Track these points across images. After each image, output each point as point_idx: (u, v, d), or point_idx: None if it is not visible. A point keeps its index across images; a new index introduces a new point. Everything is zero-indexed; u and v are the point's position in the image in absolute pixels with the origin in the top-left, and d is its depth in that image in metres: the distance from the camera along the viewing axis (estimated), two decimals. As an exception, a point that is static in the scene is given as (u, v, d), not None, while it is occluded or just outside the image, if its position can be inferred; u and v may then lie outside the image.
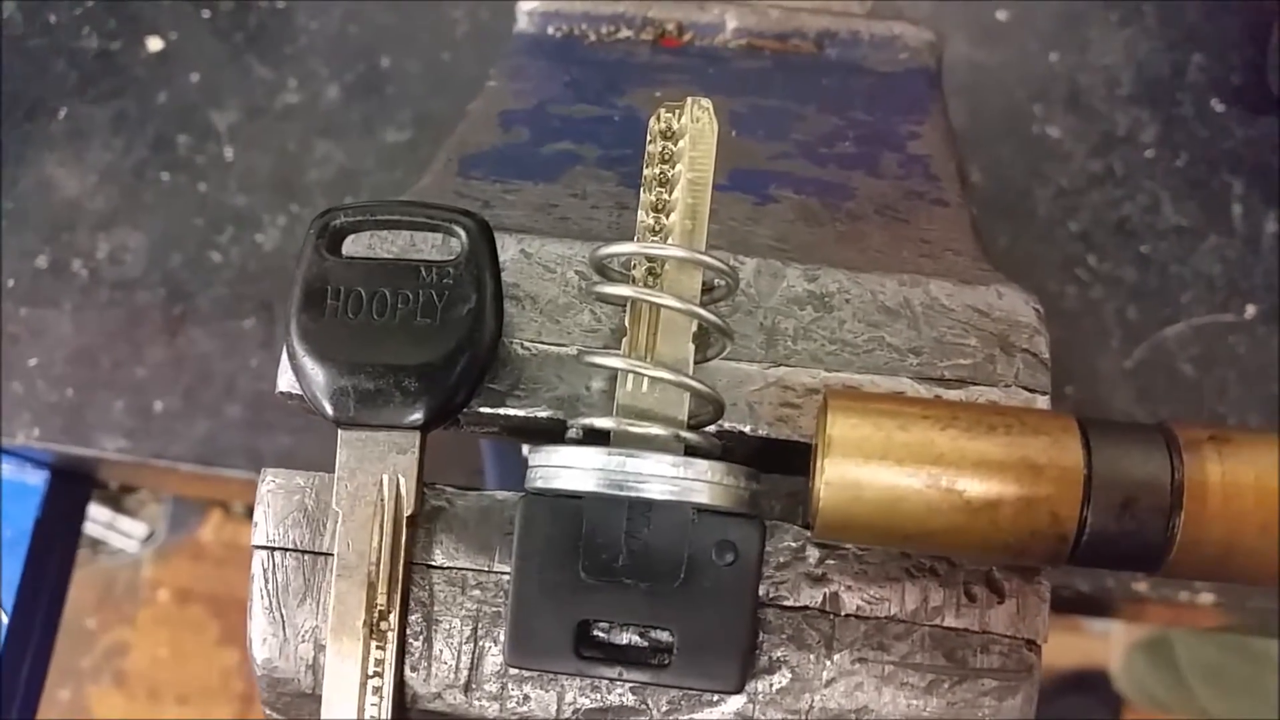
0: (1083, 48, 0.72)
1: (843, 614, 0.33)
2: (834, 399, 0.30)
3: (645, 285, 0.33)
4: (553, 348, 0.35)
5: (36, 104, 0.75)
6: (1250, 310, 0.68)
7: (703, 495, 0.32)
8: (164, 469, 0.70)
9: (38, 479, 0.79)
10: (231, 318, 0.70)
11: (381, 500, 0.33)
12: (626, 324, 0.33)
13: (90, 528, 1.69)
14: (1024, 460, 0.29)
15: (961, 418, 0.30)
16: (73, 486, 0.81)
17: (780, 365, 0.34)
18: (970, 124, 0.71)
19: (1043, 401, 0.34)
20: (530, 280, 0.35)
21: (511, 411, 0.34)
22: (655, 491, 0.32)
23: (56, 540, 0.80)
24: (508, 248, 0.35)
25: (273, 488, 0.35)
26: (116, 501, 1.70)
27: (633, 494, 0.32)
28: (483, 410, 0.34)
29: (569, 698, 0.34)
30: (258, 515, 0.35)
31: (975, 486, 0.29)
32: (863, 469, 0.29)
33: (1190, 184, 0.70)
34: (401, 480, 0.33)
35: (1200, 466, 0.29)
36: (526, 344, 0.35)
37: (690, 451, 0.33)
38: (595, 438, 0.33)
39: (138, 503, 1.71)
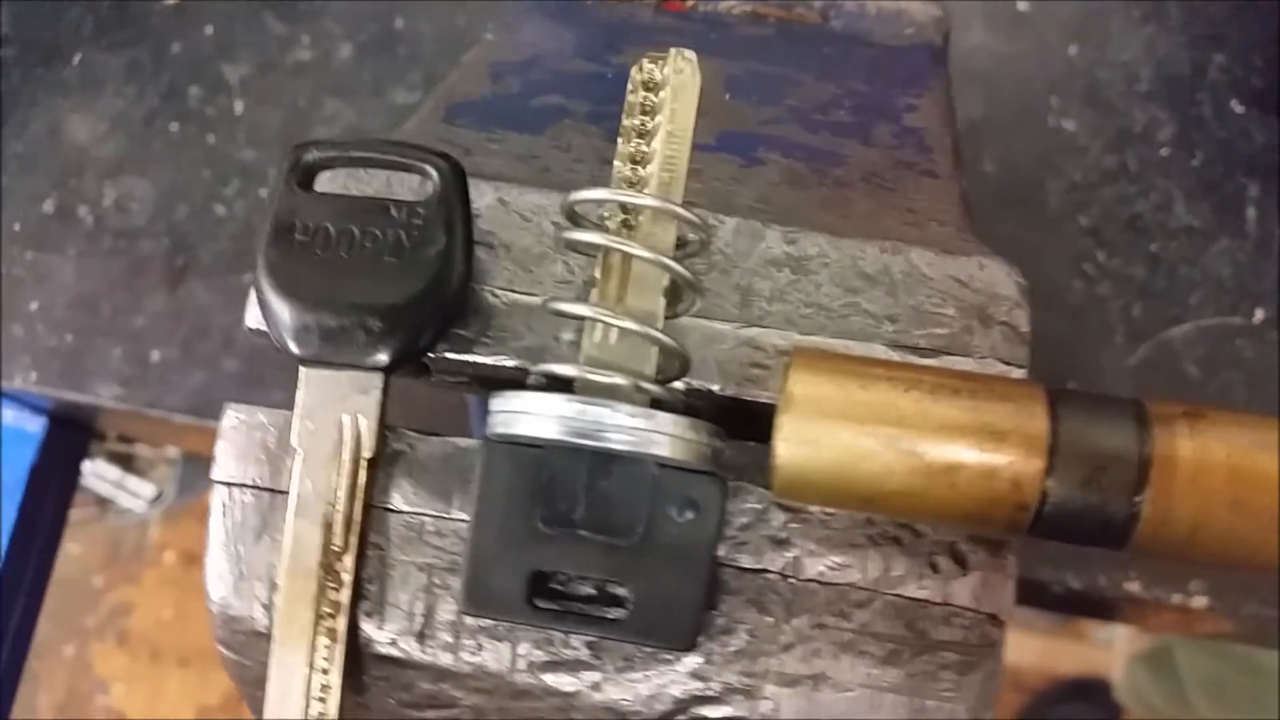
0: (1103, 42, 0.72)
1: (803, 579, 0.33)
2: (798, 357, 0.30)
3: (619, 236, 0.32)
4: (523, 297, 0.34)
5: (51, 49, 0.75)
6: (1259, 314, 0.68)
7: (664, 449, 0.31)
8: (158, 419, 0.70)
9: (36, 426, 0.79)
10: (233, 272, 0.69)
11: (341, 441, 0.33)
12: (597, 274, 0.33)
13: (99, 486, 1.70)
14: (986, 426, 0.29)
15: (926, 380, 0.29)
16: (70, 434, 0.81)
17: (753, 326, 0.34)
18: (986, 113, 0.71)
19: (1019, 375, 0.34)
20: (506, 228, 0.35)
21: (478, 359, 0.34)
22: (616, 442, 0.31)
23: (52, 487, 0.80)
24: (485, 195, 0.35)
25: (235, 423, 0.35)
26: (126, 461, 1.71)
27: (593, 443, 0.31)
28: (449, 356, 0.34)
29: (522, 649, 0.33)
30: (219, 450, 0.35)
31: (935, 450, 0.28)
32: (822, 427, 0.29)
33: (1205, 184, 0.69)
34: (363, 421, 0.33)
35: (1170, 441, 0.29)
36: (497, 292, 0.34)
37: (655, 405, 0.32)
38: (559, 387, 0.32)
39: (147, 463, 1.72)
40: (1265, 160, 0.70)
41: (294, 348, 0.33)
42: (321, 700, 0.33)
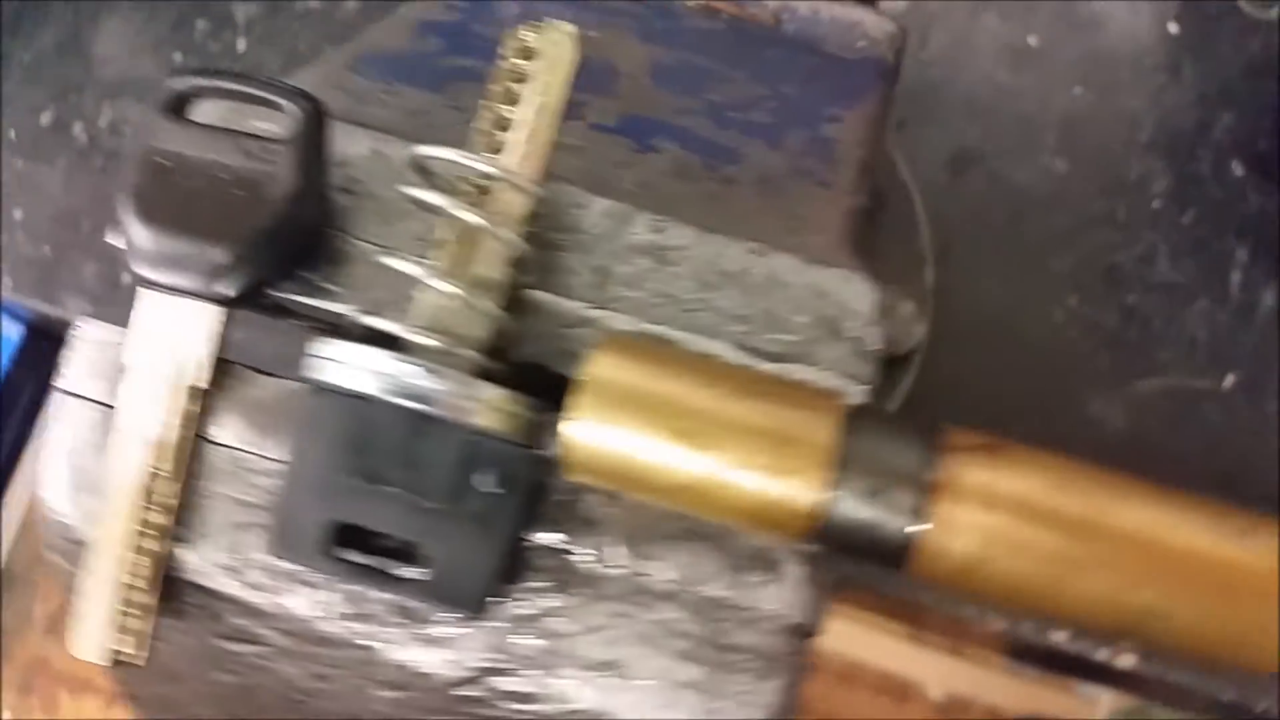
0: (1109, 87, 0.71)
1: (612, 564, 0.33)
2: (606, 341, 0.30)
3: (469, 199, 0.32)
4: (379, 250, 0.34)
5: (73, -34, 0.76)
6: (1229, 380, 0.66)
7: (479, 418, 0.31)
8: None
9: (15, 333, 0.80)
10: (213, 205, 0.70)
11: (174, 367, 0.33)
12: (441, 235, 0.33)
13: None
14: (777, 431, 0.28)
15: (730, 379, 0.29)
16: (47, 345, 0.82)
17: (602, 308, 0.34)
18: (980, 142, 0.70)
19: (859, 392, 0.33)
20: (375, 179, 0.35)
21: (325, 304, 0.34)
22: (432, 405, 0.31)
23: (23, 395, 0.82)
24: (361, 143, 0.35)
25: (83, 336, 0.35)
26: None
27: (411, 404, 0.31)
28: (296, 299, 0.34)
29: (329, 598, 0.33)
30: (66, 361, 0.35)
31: (725, 449, 0.28)
32: (614, 413, 0.29)
33: (1192, 242, 0.68)
34: (197, 350, 0.33)
35: (960, 471, 0.28)
36: (354, 241, 0.34)
37: (483, 374, 0.32)
38: (390, 342, 0.32)
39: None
40: (1259, 226, 0.69)
41: (139, 269, 0.33)
42: (127, 614, 0.33)
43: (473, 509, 0.31)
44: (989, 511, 0.28)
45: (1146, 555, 0.28)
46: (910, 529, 0.28)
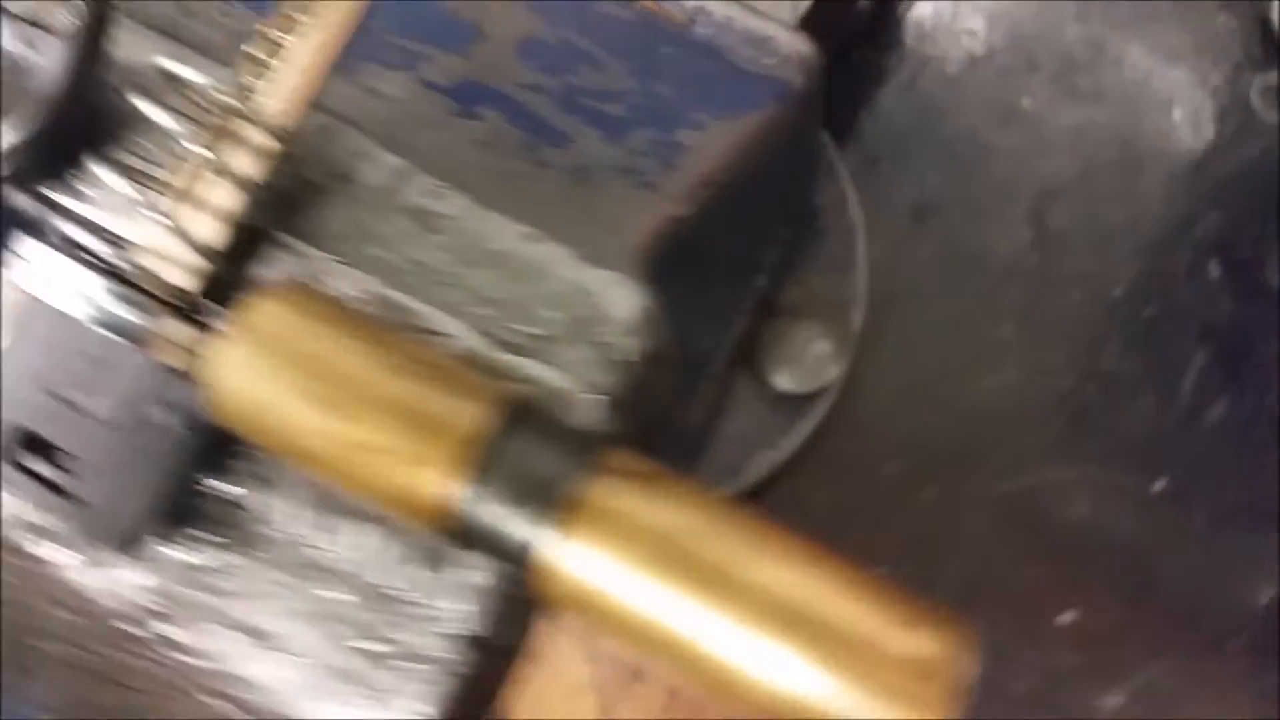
0: (1095, 162, 0.67)
1: (287, 530, 0.31)
2: (271, 287, 0.28)
3: (219, 128, 0.31)
4: (129, 162, 0.33)
5: None
6: (1159, 484, 0.63)
7: (165, 354, 0.30)
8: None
9: None
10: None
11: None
12: (180, 158, 0.31)
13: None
14: (426, 415, 0.27)
15: (399, 354, 0.28)
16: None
17: (346, 264, 0.32)
18: (952, 195, 0.67)
19: (593, 402, 0.32)
20: (167, 94, 0.34)
21: (74, 207, 0.33)
22: (119, 333, 0.30)
23: None
24: (153, 55, 0.34)
25: None
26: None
27: (99, 329, 0.30)
28: (52, 197, 0.33)
29: (17, 507, 0.33)
30: None
31: (362, 423, 0.27)
32: (255, 363, 0.27)
33: (1147, 337, 0.65)
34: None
35: (605, 492, 0.26)
36: (120, 151, 0.33)
37: (190, 310, 0.31)
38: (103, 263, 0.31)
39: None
40: (1226, 332, 0.65)
41: None
42: None
43: (140, 442, 0.30)
44: (623, 540, 0.26)
45: (780, 623, 0.26)
46: (529, 540, 0.26)
